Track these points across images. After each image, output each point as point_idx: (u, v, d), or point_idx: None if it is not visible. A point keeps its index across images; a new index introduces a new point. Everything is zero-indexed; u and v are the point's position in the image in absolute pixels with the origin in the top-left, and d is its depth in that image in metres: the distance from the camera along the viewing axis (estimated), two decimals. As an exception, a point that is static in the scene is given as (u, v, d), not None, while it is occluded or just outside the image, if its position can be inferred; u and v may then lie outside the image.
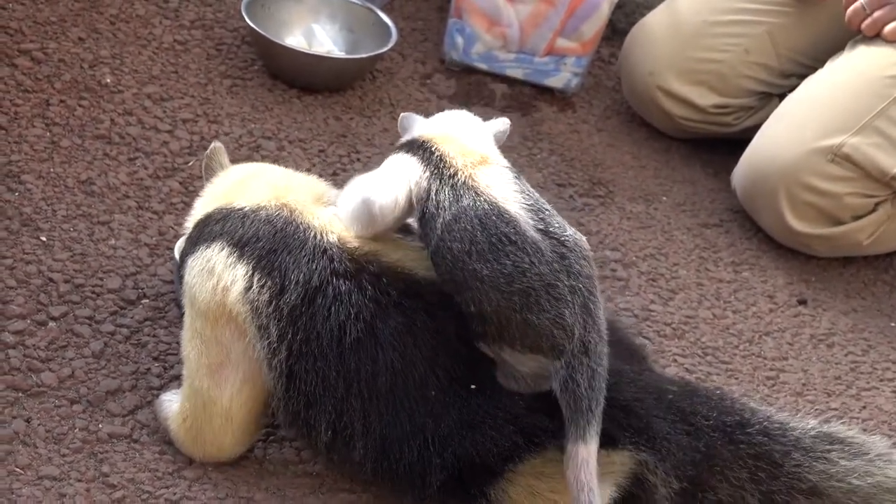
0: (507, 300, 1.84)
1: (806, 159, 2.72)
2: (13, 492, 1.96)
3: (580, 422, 1.87)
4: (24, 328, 2.22)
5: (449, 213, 1.88)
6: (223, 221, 2.01)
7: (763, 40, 2.98)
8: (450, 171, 1.93)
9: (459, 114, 2.14)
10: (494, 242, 1.84)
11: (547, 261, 1.84)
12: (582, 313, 1.85)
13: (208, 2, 3.18)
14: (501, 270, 1.83)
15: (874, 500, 2.18)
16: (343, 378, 1.91)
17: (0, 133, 2.61)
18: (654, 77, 3.02)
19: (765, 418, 2.16)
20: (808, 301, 2.80)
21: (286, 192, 2.04)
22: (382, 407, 1.93)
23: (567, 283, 1.84)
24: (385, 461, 1.95)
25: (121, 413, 2.13)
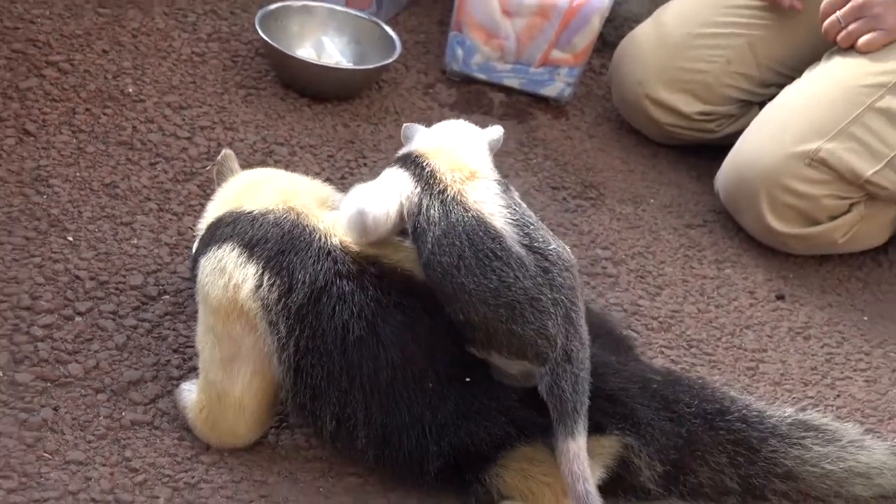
0: (494, 312, 1.85)
1: (785, 163, 2.72)
2: (42, 475, 1.96)
3: (567, 421, 1.88)
4: (52, 322, 2.23)
5: (439, 228, 1.88)
6: (234, 224, 2.01)
7: (744, 51, 2.98)
8: (440, 186, 1.93)
9: (457, 124, 2.13)
10: (481, 258, 1.85)
11: (531, 275, 1.85)
12: (564, 323, 1.86)
13: (224, 16, 3.18)
14: (487, 285, 1.84)
15: (846, 484, 2.19)
16: (346, 373, 1.92)
17: (29, 139, 2.61)
18: (643, 86, 3.02)
19: (743, 406, 2.17)
20: (786, 296, 2.80)
21: (293, 197, 2.04)
22: (383, 399, 1.93)
23: (550, 296, 1.85)
24: (386, 449, 1.96)
25: (142, 402, 2.13)
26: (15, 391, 2.09)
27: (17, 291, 2.26)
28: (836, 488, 2.19)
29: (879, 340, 2.72)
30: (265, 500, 2.01)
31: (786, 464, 2.15)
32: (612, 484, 2.02)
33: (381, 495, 2.07)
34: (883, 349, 2.69)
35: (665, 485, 2.10)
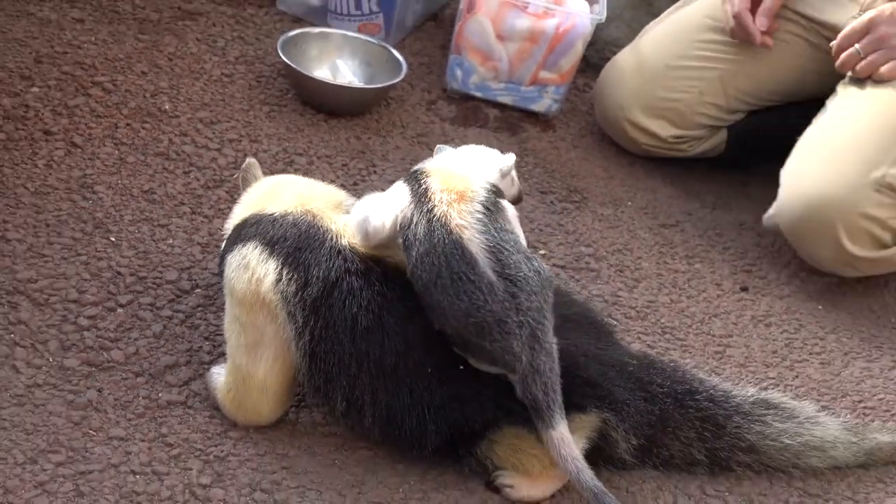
0: (464, 329, 1.85)
1: (858, 192, 2.59)
2: (87, 450, 1.96)
3: (544, 417, 1.89)
4: (97, 313, 2.22)
5: (423, 246, 1.88)
6: (257, 225, 2.00)
7: (715, 84, 2.95)
8: (429, 205, 1.91)
9: (479, 148, 2.12)
10: (455, 279, 1.84)
11: (499, 300, 1.84)
12: (529, 342, 1.85)
13: (250, 41, 3.17)
14: (459, 305, 1.84)
15: (803, 456, 2.20)
16: (355, 359, 1.92)
17: (77, 151, 2.61)
18: (623, 111, 3.01)
19: (711, 387, 2.18)
20: (750, 288, 2.78)
21: (310, 201, 2.04)
22: (388, 383, 1.93)
23: (516, 319, 1.84)
24: (389, 427, 1.97)
25: (177, 384, 2.13)
26: (63, 375, 2.09)
27: (65, 286, 2.26)
28: (793, 460, 2.19)
29: (833, 327, 2.70)
30: (286, 472, 2.01)
31: (748, 438, 2.15)
32: (593, 454, 2.02)
33: (389, 466, 2.06)
34: (836, 335, 2.67)
35: (640, 457, 2.11)
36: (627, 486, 2.14)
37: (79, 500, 1.87)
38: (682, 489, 2.16)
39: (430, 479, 2.05)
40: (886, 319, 2.77)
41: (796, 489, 2.21)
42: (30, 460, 1.92)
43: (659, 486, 2.15)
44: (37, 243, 2.35)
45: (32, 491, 1.87)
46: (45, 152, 2.58)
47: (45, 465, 1.91)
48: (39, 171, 2.53)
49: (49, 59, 2.85)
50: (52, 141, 2.62)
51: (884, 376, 2.57)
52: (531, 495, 2.03)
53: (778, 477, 2.21)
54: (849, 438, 2.24)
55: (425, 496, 2.02)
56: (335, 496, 1.98)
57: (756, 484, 2.20)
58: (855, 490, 2.24)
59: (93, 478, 1.92)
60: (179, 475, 1.96)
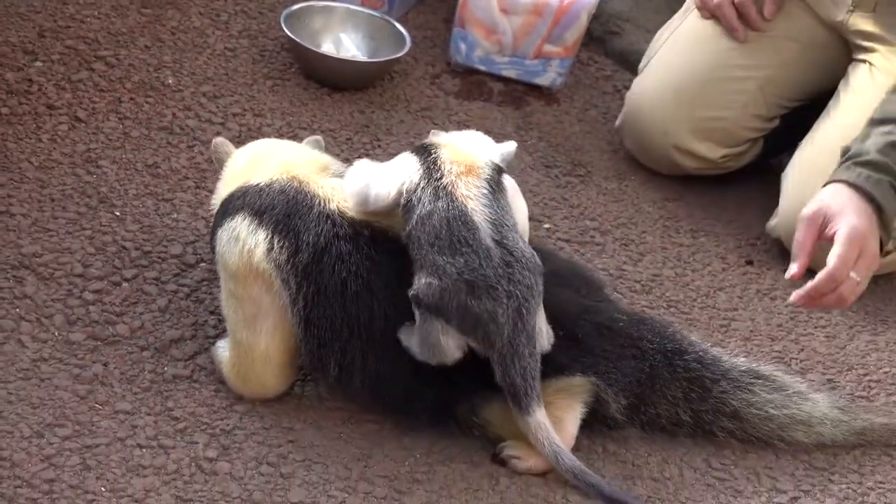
0: (455, 285, 1.84)
1: None
2: (94, 423, 1.96)
3: (521, 403, 1.91)
4: (102, 288, 2.22)
5: (425, 209, 1.89)
6: (243, 196, 2.00)
7: (757, 94, 2.84)
8: (437, 174, 1.93)
9: (476, 135, 2.11)
10: (454, 242, 1.86)
11: (493, 265, 1.85)
12: (514, 316, 1.86)
13: (253, 15, 3.15)
14: (454, 264, 1.84)
15: (788, 429, 2.20)
16: (346, 324, 1.92)
17: (80, 125, 2.60)
18: (669, 136, 2.86)
19: (700, 349, 2.20)
20: (755, 261, 2.77)
21: (294, 167, 2.04)
22: (377, 348, 1.94)
23: (506, 289, 1.85)
24: (378, 392, 1.99)
25: (182, 358, 2.12)
26: (69, 349, 2.08)
27: (70, 260, 2.25)
28: (778, 432, 2.18)
29: (837, 300, 2.68)
30: (293, 445, 2.01)
31: (733, 404, 2.15)
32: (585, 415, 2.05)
33: (395, 440, 2.06)
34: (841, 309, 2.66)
35: (629, 415, 2.11)
36: (633, 460, 2.13)
37: (85, 474, 1.87)
38: (687, 462, 2.15)
39: (435, 453, 2.05)
40: (892, 293, 2.75)
41: (802, 462, 2.20)
42: (36, 434, 1.92)
43: (664, 458, 2.15)
44: (41, 218, 2.34)
45: (39, 465, 1.87)
46: (49, 127, 2.57)
47: (51, 439, 1.91)
48: (43, 146, 2.52)
49: (52, 33, 2.83)
50: (55, 115, 2.60)
51: (889, 349, 2.56)
52: (538, 465, 2.02)
53: (784, 450, 2.20)
54: (838, 417, 2.22)
55: (431, 469, 2.02)
56: (341, 469, 1.98)
57: (762, 458, 2.20)
58: (861, 463, 2.23)
59: (99, 451, 1.91)
60: (185, 449, 1.95)
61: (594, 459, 2.11)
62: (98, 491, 1.85)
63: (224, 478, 1.92)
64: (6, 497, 1.81)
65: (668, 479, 2.11)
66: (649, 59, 2.98)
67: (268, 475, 1.94)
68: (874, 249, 2.11)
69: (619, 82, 3.29)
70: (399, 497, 1.96)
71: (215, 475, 1.92)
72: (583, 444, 2.10)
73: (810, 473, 2.19)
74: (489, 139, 2.11)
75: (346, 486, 1.96)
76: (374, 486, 1.97)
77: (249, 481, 1.93)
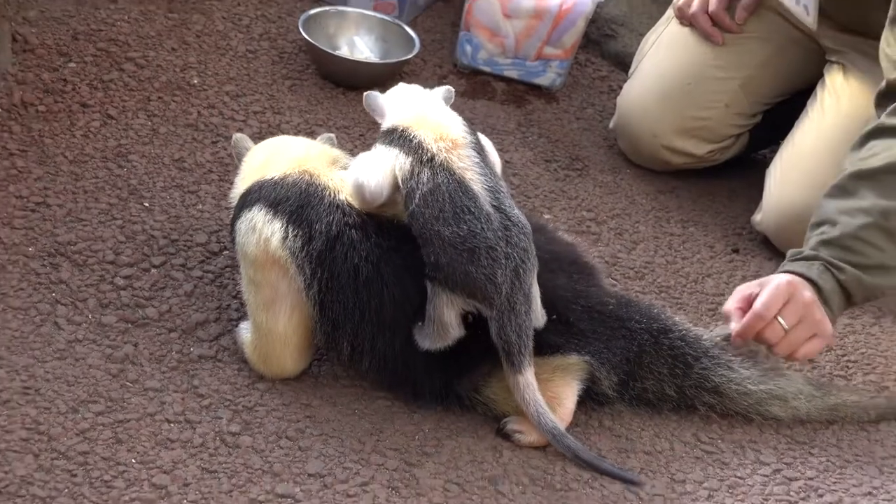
0: (458, 255, 1.85)
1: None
2: (125, 400, 1.96)
3: (514, 361, 1.91)
4: (132, 274, 2.22)
5: (426, 187, 1.88)
6: (259, 190, 2.00)
7: (738, 94, 2.84)
8: (428, 154, 1.92)
9: (411, 87, 2.11)
10: (457, 211, 1.86)
11: (493, 229, 1.86)
12: (512, 276, 1.87)
13: (273, 19, 3.15)
14: (458, 232, 1.85)
15: (765, 404, 2.19)
16: (358, 307, 1.92)
17: (112, 122, 2.60)
18: (658, 138, 2.87)
19: (684, 328, 2.18)
20: (740, 250, 2.76)
21: (305, 161, 2.03)
22: (386, 331, 1.94)
23: (504, 250, 1.86)
24: (386, 372, 1.99)
25: (207, 339, 2.12)
26: (102, 331, 2.08)
27: (102, 248, 2.25)
28: (756, 407, 2.18)
29: (818, 286, 2.67)
30: (310, 420, 2.01)
31: (714, 380, 2.15)
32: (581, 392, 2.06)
33: (406, 416, 2.05)
34: (821, 293, 2.65)
35: (619, 390, 2.11)
36: (627, 434, 2.13)
37: (117, 447, 1.87)
38: (678, 436, 2.15)
39: (443, 428, 2.05)
40: (868, 279, 2.74)
41: (784, 436, 2.20)
42: (72, 409, 1.92)
43: (656, 433, 2.15)
44: (76, 208, 2.34)
45: (74, 438, 1.87)
46: (83, 123, 2.57)
47: (85, 414, 1.91)
48: (77, 141, 2.51)
49: (85, 36, 2.83)
50: (88, 113, 2.60)
51: (865, 332, 2.56)
52: (540, 440, 2.02)
53: (768, 425, 2.20)
54: (812, 393, 2.21)
55: (439, 443, 2.01)
56: (355, 443, 1.98)
57: (746, 432, 2.19)
58: (839, 437, 2.23)
59: (130, 426, 1.92)
60: (210, 423, 1.95)
61: (590, 434, 2.11)
62: (129, 462, 1.85)
63: (246, 450, 1.92)
64: (44, 468, 1.81)
65: (659, 453, 2.11)
66: (637, 65, 2.98)
67: (287, 448, 1.94)
68: (807, 298, 2.11)
69: (615, 82, 3.28)
70: (409, 469, 1.96)
71: (238, 448, 1.92)
72: (580, 419, 2.10)
73: (792, 447, 2.18)
74: (420, 88, 2.10)
75: (359, 458, 1.96)
76: (385, 458, 1.97)
77: (270, 454, 1.93)
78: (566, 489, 1.98)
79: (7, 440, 1.84)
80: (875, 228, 2.17)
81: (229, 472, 1.88)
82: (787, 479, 2.11)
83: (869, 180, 2.21)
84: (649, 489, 2.03)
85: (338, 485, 1.90)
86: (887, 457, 2.21)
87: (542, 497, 1.96)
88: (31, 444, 1.84)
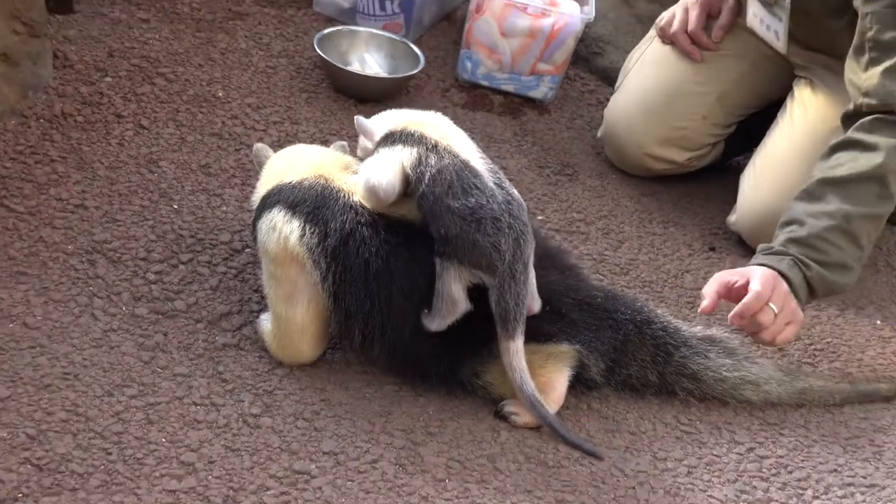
0: (467, 225, 1.85)
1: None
2: (156, 384, 1.96)
3: (509, 327, 1.90)
4: (162, 269, 2.21)
5: (435, 168, 1.89)
6: (279, 193, 2.00)
7: (715, 107, 2.82)
8: (431, 142, 1.94)
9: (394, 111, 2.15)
10: (465, 187, 1.88)
11: (497, 202, 1.88)
12: (513, 245, 1.88)
13: (290, 38, 3.13)
14: (467, 204, 1.86)
15: (739, 389, 2.19)
16: (369, 298, 1.92)
17: (144, 131, 2.59)
18: (642, 147, 2.85)
19: (664, 320, 2.18)
20: (716, 248, 2.74)
21: (321, 167, 2.03)
22: (395, 321, 1.94)
23: (507, 221, 1.88)
24: (395, 358, 1.99)
25: (231, 329, 2.11)
26: (134, 321, 2.08)
27: (135, 246, 2.25)
28: (731, 392, 2.17)
29: (787, 281, 2.66)
30: (324, 403, 2.00)
31: (692, 368, 2.14)
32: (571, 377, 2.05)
33: (412, 399, 2.05)
34: (790, 288, 2.64)
35: (606, 376, 2.10)
36: (613, 416, 2.12)
37: (148, 427, 1.86)
38: (659, 418, 2.14)
39: (447, 410, 2.04)
40: (832, 275, 2.73)
41: (757, 418, 2.19)
42: (107, 393, 1.91)
43: (640, 415, 2.14)
44: (111, 210, 2.33)
45: (110, 419, 1.86)
46: (118, 133, 2.56)
47: (119, 398, 1.91)
48: (112, 149, 2.50)
49: (120, 53, 2.82)
50: (123, 123, 2.59)
51: (830, 323, 2.54)
52: (530, 420, 2.02)
53: (742, 408, 2.19)
54: (782, 378, 2.21)
55: (442, 424, 2.01)
56: (366, 424, 1.97)
57: (722, 414, 2.18)
58: (807, 419, 2.22)
59: (160, 408, 1.91)
60: (234, 406, 1.94)
61: (580, 415, 2.10)
62: (159, 441, 1.85)
63: (266, 431, 1.91)
64: (82, 447, 1.80)
65: (643, 433, 2.10)
66: (622, 80, 2.97)
67: (303, 428, 1.93)
68: (785, 288, 2.13)
69: (602, 95, 3.26)
70: (415, 447, 1.95)
71: (259, 428, 1.91)
72: (570, 402, 2.09)
73: (764, 428, 2.17)
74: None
75: (369, 437, 1.95)
76: (393, 437, 1.96)
77: (288, 434, 1.92)
78: (558, 466, 1.98)
79: (48, 421, 1.83)
80: (838, 231, 2.18)
81: (251, 450, 1.87)
82: (760, 458, 2.11)
83: (834, 187, 2.22)
84: (634, 466, 2.02)
85: (350, 462, 1.89)
86: (851, 437, 2.20)
87: (536, 473, 1.95)
88: (70, 425, 1.84)
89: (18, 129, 2.47)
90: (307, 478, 1.85)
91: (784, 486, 2.05)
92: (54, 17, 2.81)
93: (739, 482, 2.04)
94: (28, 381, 1.90)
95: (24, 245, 2.18)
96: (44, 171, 2.38)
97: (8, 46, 2.46)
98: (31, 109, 2.53)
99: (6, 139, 2.43)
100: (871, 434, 2.21)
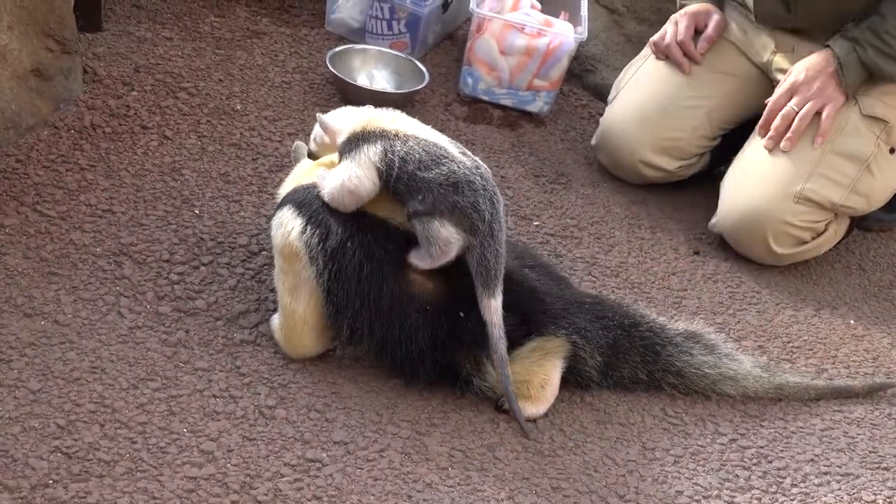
0: (444, 190, 1.84)
1: (781, 204, 2.55)
2: (177, 378, 1.95)
3: (490, 285, 1.88)
4: (184, 270, 2.20)
5: (402, 151, 1.88)
6: (292, 193, 2.01)
7: (703, 120, 2.82)
8: (392, 133, 1.92)
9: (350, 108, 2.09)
10: (434, 159, 1.87)
11: (467, 168, 1.88)
12: (490, 205, 1.87)
13: (304, 55, 3.12)
14: (440, 172, 1.85)
15: (719, 384, 2.18)
16: (358, 297, 1.91)
17: (167, 142, 2.57)
18: (636, 154, 2.84)
19: (651, 321, 2.17)
20: (701, 252, 2.73)
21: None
22: (383, 319, 1.92)
23: (480, 183, 1.87)
24: (383, 355, 1.98)
25: (248, 326, 2.10)
26: (158, 319, 2.07)
27: (159, 249, 2.24)
28: (711, 387, 2.17)
29: (766, 283, 2.65)
30: (335, 396, 1.99)
31: (677, 365, 2.14)
32: (567, 373, 2.03)
33: (417, 393, 2.04)
34: (769, 289, 2.63)
35: (602, 374, 2.09)
36: (605, 408, 2.11)
37: (171, 418, 1.85)
38: (647, 410, 2.13)
39: (449, 403, 2.03)
40: (808, 277, 2.72)
41: (739, 411, 2.18)
42: (132, 386, 1.90)
43: (630, 408, 2.12)
44: (137, 215, 2.32)
45: (135, 411, 1.85)
46: (143, 143, 2.55)
47: (144, 390, 1.90)
48: (138, 158, 2.49)
49: (145, 69, 2.81)
50: (148, 134, 2.58)
51: (807, 322, 2.53)
52: (530, 413, 2.01)
53: (724, 401, 2.18)
54: (759, 373, 2.20)
55: (445, 416, 1.99)
56: (373, 415, 1.96)
57: (707, 407, 2.17)
58: (786, 412, 2.21)
59: (182, 400, 1.90)
60: (251, 398, 1.93)
61: (574, 407, 2.09)
62: (181, 432, 1.84)
63: (281, 421, 1.90)
64: (108, 436, 1.79)
65: (632, 424, 2.09)
66: (617, 93, 2.96)
67: (316, 419, 1.92)
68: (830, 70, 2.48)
69: (594, 110, 3.25)
70: (419, 437, 1.94)
71: (274, 419, 1.90)
72: (564, 395, 2.08)
73: (745, 420, 2.16)
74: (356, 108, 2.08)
75: (377, 428, 1.94)
76: (399, 428, 1.95)
77: (301, 424, 1.91)
78: (553, 455, 1.96)
79: (77, 412, 1.82)
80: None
81: (266, 439, 1.86)
82: (742, 448, 2.09)
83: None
84: (624, 455, 2.01)
85: (359, 451, 1.88)
86: (826, 428, 2.19)
87: (533, 462, 1.94)
88: (98, 416, 1.82)
89: (51, 140, 2.46)
90: (319, 465, 1.84)
91: (764, 474, 2.04)
92: (84, 35, 2.81)
93: (723, 471, 2.03)
94: (58, 375, 1.89)
95: (56, 247, 2.17)
96: (74, 179, 2.37)
97: (41, 62, 2.46)
98: (63, 121, 2.52)
99: (39, 149, 2.42)
100: (845, 426, 2.20)
